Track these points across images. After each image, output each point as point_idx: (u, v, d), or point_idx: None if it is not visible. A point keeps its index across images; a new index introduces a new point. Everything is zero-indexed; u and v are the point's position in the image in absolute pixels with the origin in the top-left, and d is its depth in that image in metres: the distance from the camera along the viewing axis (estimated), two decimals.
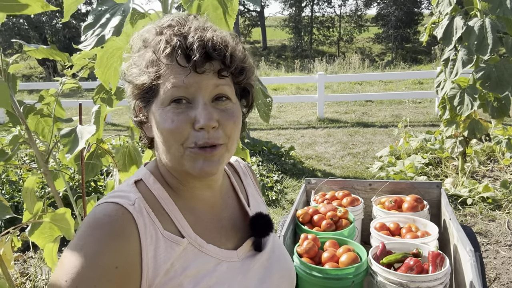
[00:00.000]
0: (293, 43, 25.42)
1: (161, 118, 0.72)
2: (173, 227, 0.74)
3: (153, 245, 0.70)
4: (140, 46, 0.76)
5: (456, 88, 4.14)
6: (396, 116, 8.52)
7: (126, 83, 0.77)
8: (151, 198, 0.75)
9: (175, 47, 0.70)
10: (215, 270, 0.75)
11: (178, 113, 0.71)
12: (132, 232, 0.68)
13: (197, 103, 0.71)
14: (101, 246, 0.65)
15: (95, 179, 4.23)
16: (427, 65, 16.75)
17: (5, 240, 1.54)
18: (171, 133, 0.71)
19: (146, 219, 0.71)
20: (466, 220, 3.78)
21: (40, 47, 1.76)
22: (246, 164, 1.02)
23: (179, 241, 0.73)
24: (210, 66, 0.71)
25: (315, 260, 1.80)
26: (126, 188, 0.76)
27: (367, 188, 2.58)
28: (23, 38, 20.48)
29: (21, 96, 12.58)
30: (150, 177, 0.79)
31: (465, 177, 4.48)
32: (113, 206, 0.70)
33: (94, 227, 0.67)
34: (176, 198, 0.78)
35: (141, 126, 0.81)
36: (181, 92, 0.71)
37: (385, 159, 5.34)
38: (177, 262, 0.71)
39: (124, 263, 0.66)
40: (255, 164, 5.29)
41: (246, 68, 0.77)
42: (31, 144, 1.73)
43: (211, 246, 0.77)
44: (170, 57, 0.70)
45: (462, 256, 1.77)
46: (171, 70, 0.70)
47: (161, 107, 0.72)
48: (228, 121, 0.74)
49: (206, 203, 0.82)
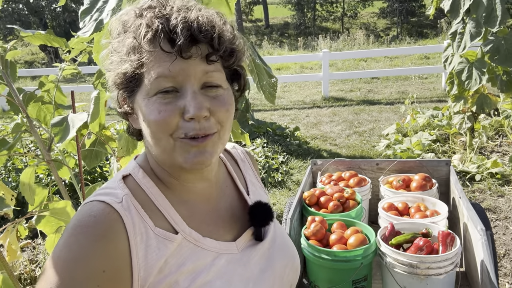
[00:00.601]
0: (296, 20, 24.98)
1: (147, 109, 0.67)
2: (166, 223, 0.70)
3: (144, 244, 0.66)
4: (119, 30, 0.70)
5: (464, 62, 4.04)
6: (403, 93, 8.40)
7: (107, 72, 0.72)
8: (140, 193, 0.71)
9: (157, 31, 0.64)
10: (213, 264, 0.71)
11: (165, 103, 0.66)
12: (119, 232, 0.64)
13: (185, 92, 0.66)
14: (86, 250, 0.61)
15: (101, 165, 4.23)
16: (433, 39, 16.42)
17: (10, 230, 1.53)
18: (159, 125, 0.66)
19: (134, 217, 0.67)
20: (474, 197, 3.75)
21: (36, 32, 1.72)
22: (244, 150, 0.97)
23: (172, 237, 0.69)
24: (197, 50, 0.65)
25: (322, 242, 1.78)
26: (114, 184, 0.71)
27: (374, 167, 2.54)
28: (23, 23, 20.32)
29: (24, 83, 12.55)
30: (139, 171, 0.74)
31: (473, 153, 4.43)
32: (98, 206, 0.65)
33: (79, 231, 0.63)
34: (168, 192, 0.74)
35: (126, 117, 0.76)
36: (168, 81, 0.65)
37: (392, 137, 5.28)
38: (171, 259, 0.68)
39: (112, 266, 0.62)
40: (260, 146, 5.26)
41: (235, 50, 0.71)
42: (32, 132, 1.71)
43: (208, 239, 0.73)
44: (153, 43, 0.65)
45: (473, 235, 1.75)
46: (155, 57, 0.65)
47: (147, 97, 0.67)
48: (220, 108, 0.69)
49: (201, 195, 0.78)
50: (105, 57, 0.72)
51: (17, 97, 1.68)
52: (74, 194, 3.69)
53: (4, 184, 3.81)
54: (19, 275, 2.64)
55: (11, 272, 1.11)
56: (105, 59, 0.72)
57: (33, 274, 2.67)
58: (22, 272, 2.67)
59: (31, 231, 3.32)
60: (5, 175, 4.10)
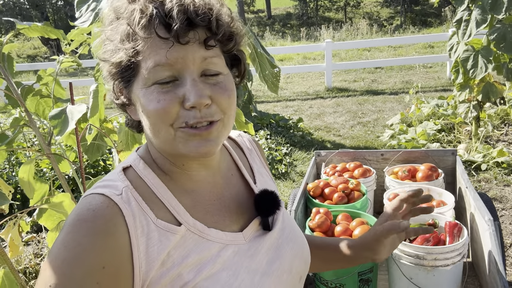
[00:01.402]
0: (298, 10, 24.77)
1: (145, 99, 0.64)
2: (168, 214, 0.68)
3: (145, 237, 0.63)
4: (112, 17, 0.66)
5: (470, 50, 3.97)
6: (407, 82, 8.32)
7: (101, 62, 0.69)
8: (141, 185, 0.69)
9: (152, 16, 0.61)
10: (218, 255, 0.69)
11: (164, 92, 0.63)
12: (119, 226, 0.62)
13: (184, 80, 0.63)
14: (85, 246, 0.59)
15: (104, 158, 4.22)
16: (438, 28, 16.24)
17: (12, 225, 1.52)
18: (158, 115, 0.63)
19: (135, 209, 0.64)
20: (480, 186, 3.71)
21: (33, 24, 1.68)
22: (250, 138, 0.94)
23: (175, 229, 0.66)
24: (195, 35, 0.62)
25: (327, 234, 1.76)
26: (114, 176, 0.69)
27: (379, 158, 2.51)
28: (24, 17, 20.27)
29: (27, 77, 12.55)
30: (140, 162, 0.72)
31: (478, 142, 4.38)
32: (98, 199, 0.63)
33: (78, 225, 0.61)
34: (170, 182, 0.72)
35: (124, 109, 0.73)
36: (166, 70, 0.62)
37: (396, 127, 5.23)
38: (174, 251, 0.65)
39: (112, 262, 0.60)
40: (263, 138, 5.23)
41: (234, 33, 0.68)
42: (32, 126, 1.68)
43: (213, 230, 0.70)
44: (148, 29, 0.61)
45: (480, 225, 1.72)
46: (151, 44, 0.62)
47: (144, 87, 0.64)
48: (222, 95, 0.66)
49: (205, 184, 0.75)
50: (98, 46, 0.69)
51: (15, 91, 1.66)
52: (77, 187, 3.69)
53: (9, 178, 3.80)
54: (24, 269, 2.65)
55: (13, 266, 1.09)
56: (98, 49, 0.69)
57: (38, 268, 2.67)
58: (27, 266, 2.67)
59: (36, 225, 3.32)
60: (8, 170, 4.10)
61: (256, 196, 0.79)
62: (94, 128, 1.54)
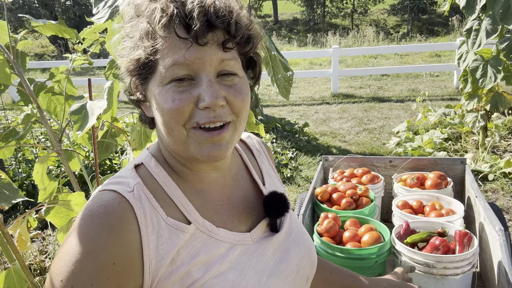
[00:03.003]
0: (305, 16, 24.81)
1: (160, 98, 0.64)
2: (178, 213, 0.68)
3: (155, 235, 0.64)
4: (132, 14, 0.66)
5: (479, 59, 3.96)
6: (413, 90, 8.30)
7: (119, 58, 0.69)
8: (152, 183, 0.69)
9: (173, 16, 0.61)
10: (226, 255, 0.69)
11: (179, 91, 0.63)
12: (130, 223, 0.62)
13: (200, 80, 0.64)
14: (96, 242, 0.59)
15: (110, 157, 4.23)
16: (445, 37, 16.22)
17: (21, 221, 1.52)
18: (172, 114, 0.64)
19: (146, 207, 0.65)
20: (487, 196, 3.69)
21: (48, 22, 1.69)
22: (259, 140, 0.95)
23: (185, 228, 0.67)
24: (213, 37, 0.62)
25: (336, 239, 1.75)
26: (126, 173, 0.70)
27: (387, 165, 2.50)
28: (33, 16, 20.37)
29: (34, 75, 12.63)
30: (152, 160, 0.72)
31: (485, 152, 4.35)
32: (110, 195, 0.64)
33: (89, 221, 0.61)
34: (180, 181, 0.72)
35: (138, 105, 0.73)
36: (183, 69, 0.63)
37: (402, 134, 5.22)
38: (183, 250, 0.66)
39: (123, 258, 0.60)
40: (269, 141, 5.23)
41: (252, 36, 0.68)
42: (43, 123, 1.69)
43: (222, 230, 0.71)
44: (168, 28, 0.62)
45: (490, 235, 1.70)
46: (170, 44, 0.62)
47: (161, 85, 0.64)
48: (236, 98, 0.66)
49: (215, 184, 0.76)
50: (117, 42, 0.69)
51: (28, 87, 1.66)
52: (84, 185, 3.69)
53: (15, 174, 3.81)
54: (28, 265, 2.65)
55: (24, 263, 1.09)
56: (116, 45, 0.69)
57: (42, 264, 2.67)
58: (32, 263, 2.67)
59: (41, 222, 3.33)
60: (15, 166, 4.11)
61: (266, 197, 0.80)
62: (107, 125, 1.54)
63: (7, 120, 4.83)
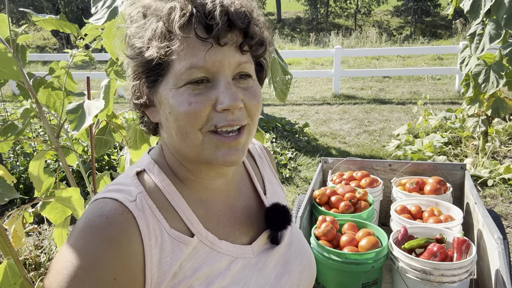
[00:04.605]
0: (308, 15, 24.78)
1: (175, 101, 0.61)
2: (181, 224, 0.66)
3: (158, 247, 0.61)
4: (139, 15, 0.64)
5: (482, 64, 3.94)
6: (414, 93, 8.29)
7: (126, 59, 0.66)
8: (155, 191, 0.66)
9: (193, 16, 0.59)
10: (228, 269, 0.67)
11: (195, 94, 0.61)
12: (132, 235, 0.59)
13: (218, 82, 0.62)
14: (97, 256, 0.56)
15: (109, 153, 4.22)
16: (447, 40, 16.20)
17: (16, 216, 1.51)
18: (189, 117, 0.61)
19: (149, 218, 0.62)
20: (486, 202, 3.68)
21: (48, 17, 1.68)
22: (261, 145, 0.92)
23: (188, 240, 0.64)
24: (232, 37, 0.61)
25: (333, 243, 1.74)
26: (127, 180, 0.66)
27: (386, 168, 2.49)
28: (36, 8, 20.37)
29: (35, 68, 12.59)
30: (155, 166, 0.69)
31: (485, 158, 4.34)
32: (111, 204, 0.60)
33: (89, 233, 0.58)
34: (184, 189, 0.69)
35: (142, 110, 0.69)
36: (201, 72, 0.61)
37: (403, 137, 5.20)
38: (186, 263, 0.63)
39: (124, 273, 0.57)
40: (268, 141, 5.21)
41: (266, 39, 0.66)
42: (41, 118, 1.67)
43: (224, 242, 0.69)
44: (187, 29, 0.59)
45: (488, 243, 1.69)
46: (188, 44, 0.59)
47: (174, 87, 0.62)
48: (252, 100, 0.65)
49: (218, 193, 0.73)
50: (122, 43, 0.67)
51: (27, 82, 1.65)
52: (81, 181, 3.68)
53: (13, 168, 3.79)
54: (23, 260, 2.64)
55: (18, 258, 1.08)
56: (122, 46, 0.66)
57: (38, 259, 2.66)
58: (27, 258, 2.66)
59: (37, 216, 3.31)
60: (13, 159, 4.10)
61: (268, 209, 0.78)
62: (102, 122, 1.52)
63: (6, 112, 4.82)
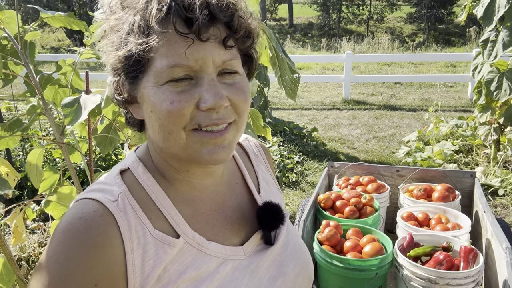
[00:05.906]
0: (320, 21, 24.75)
1: (156, 98, 0.58)
2: (166, 225, 0.63)
3: (141, 250, 0.59)
4: (117, 5, 0.60)
5: (495, 71, 3.87)
6: (426, 100, 8.20)
7: (104, 54, 0.62)
8: (139, 191, 0.63)
9: (171, 9, 0.55)
10: (217, 271, 0.64)
11: (178, 92, 0.58)
12: (113, 238, 0.57)
13: (201, 80, 0.58)
14: (76, 262, 0.54)
15: (116, 152, 4.23)
16: (461, 48, 16.02)
17: (18, 212, 1.51)
18: (171, 116, 0.58)
19: (131, 219, 0.59)
20: (496, 212, 3.60)
21: (57, 14, 1.69)
22: (257, 142, 0.88)
23: (173, 242, 0.62)
24: (215, 31, 0.57)
25: (336, 248, 1.71)
26: (110, 179, 0.64)
27: (394, 174, 2.45)
28: (51, 9, 20.70)
29: (48, 68, 12.75)
30: (139, 165, 0.67)
31: (497, 166, 4.26)
32: (91, 205, 0.58)
33: (69, 237, 0.55)
34: (170, 189, 0.66)
35: (125, 106, 0.66)
36: (183, 71, 0.57)
37: (413, 144, 5.13)
38: (171, 266, 0.61)
39: (105, 279, 0.55)
40: (276, 144, 5.19)
41: (253, 31, 0.63)
42: (47, 114, 1.68)
43: (213, 243, 0.66)
44: (166, 23, 0.56)
45: (496, 253, 1.65)
46: (168, 40, 0.56)
47: (156, 85, 0.58)
48: (239, 97, 0.61)
49: (207, 192, 0.70)
50: (100, 36, 0.63)
51: (34, 79, 1.65)
52: (87, 179, 3.69)
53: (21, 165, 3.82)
54: (27, 257, 2.65)
55: (12, 256, 1.07)
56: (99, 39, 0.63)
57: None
58: (30, 254, 2.67)
59: (43, 213, 3.33)
60: (22, 157, 4.14)
61: (259, 208, 0.74)
62: (106, 120, 1.52)
63: (17, 110, 4.87)
